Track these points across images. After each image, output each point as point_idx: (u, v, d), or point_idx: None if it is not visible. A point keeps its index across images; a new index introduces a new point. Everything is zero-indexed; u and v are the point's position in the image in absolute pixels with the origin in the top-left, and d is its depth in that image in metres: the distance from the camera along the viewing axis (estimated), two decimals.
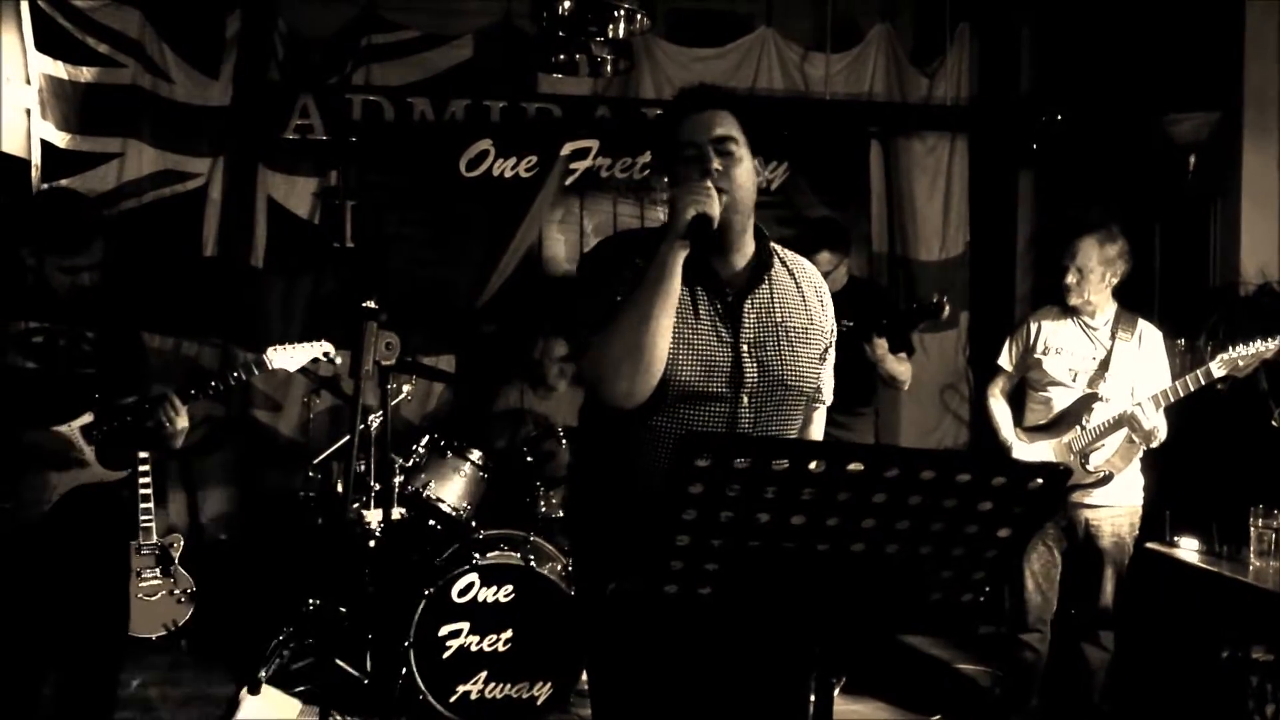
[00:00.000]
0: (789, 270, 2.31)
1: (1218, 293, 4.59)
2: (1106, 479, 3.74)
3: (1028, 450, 3.88)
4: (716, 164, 2.13)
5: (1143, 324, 3.84)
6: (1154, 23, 5.02)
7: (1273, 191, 4.60)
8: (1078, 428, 3.79)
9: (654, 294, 2.06)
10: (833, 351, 2.38)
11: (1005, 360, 4.02)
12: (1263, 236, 4.58)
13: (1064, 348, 3.86)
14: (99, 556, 3.04)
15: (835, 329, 2.37)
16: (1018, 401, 4.05)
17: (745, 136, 2.19)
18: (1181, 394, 3.60)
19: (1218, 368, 3.54)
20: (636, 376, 2.05)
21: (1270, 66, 4.60)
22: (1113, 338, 3.81)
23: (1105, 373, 3.78)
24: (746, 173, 2.19)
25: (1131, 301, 3.93)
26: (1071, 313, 3.88)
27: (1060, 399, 3.85)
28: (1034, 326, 3.94)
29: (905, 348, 4.42)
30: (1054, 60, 5.72)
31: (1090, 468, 3.74)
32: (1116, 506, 3.80)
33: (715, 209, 2.08)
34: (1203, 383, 3.56)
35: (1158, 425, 3.65)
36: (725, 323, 2.18)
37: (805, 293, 2.30)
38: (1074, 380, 3.83)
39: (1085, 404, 3.79)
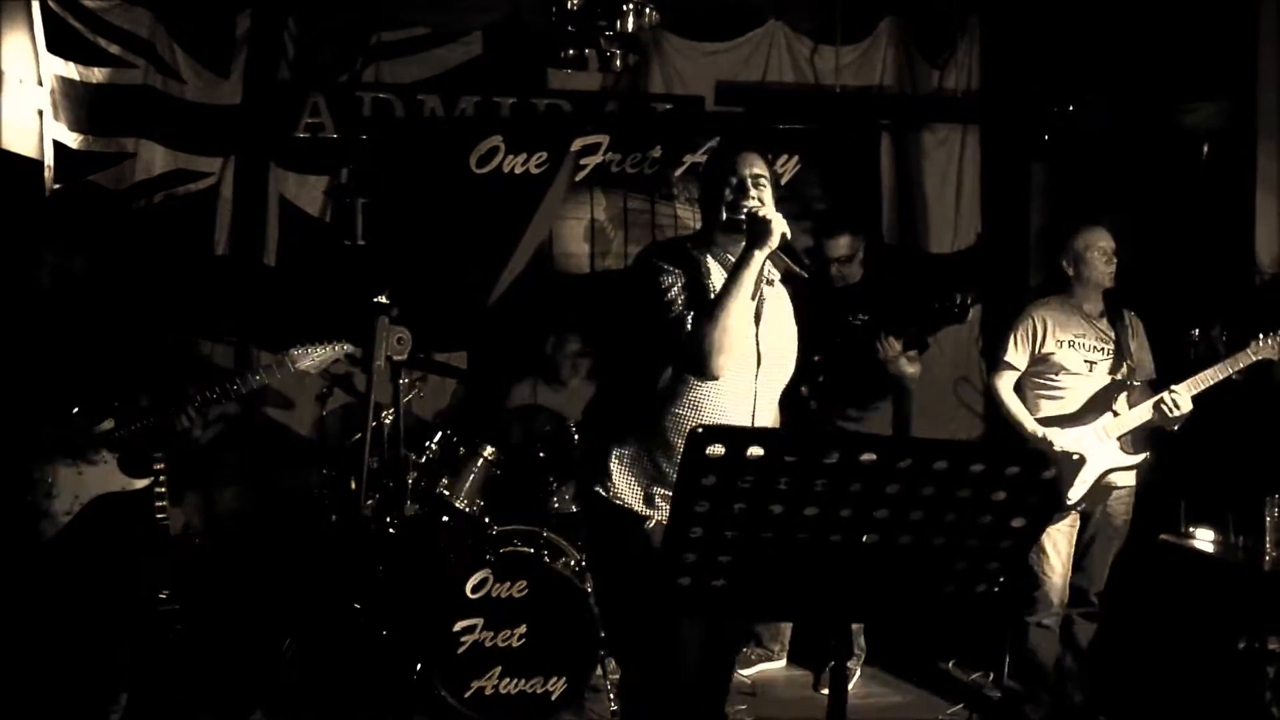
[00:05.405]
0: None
1: (1232, 281, 4.56)
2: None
3: (1063, 438, 3.78)
4: (755, 196, 2.59)
5: (1128, 312, 3.94)
6: (1168, 11, 4.98)
7: None
8: (1109, 413, 3.79)
9: (744, 288, 2.45)
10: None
11: (1015, 358, 3.94)
12: (1277, 225, 4.54)
13: (1075, 338, 3.87)
14: (123, 568, 3.06)
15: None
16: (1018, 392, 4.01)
17: (769, 172, 2.65)
18: (1214, 381, 3.68)
19: (1253, 353, 3.66)
20: (728, 353, 2.44)
21: None
22: (1113, 325, 3.90)
23: (1121, 359, 3.83)
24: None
25: (1146, 290, 3.93)
26: (1073, 303, 3.92)
27: (1079, 388, 3.85)
28: (1038, 320, 3.91)
29: (920, 345, 4.38)
30: (1066, 50, 5.68)
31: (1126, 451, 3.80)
32: (1128, 488, 3.87)
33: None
34: (1231, 371, 3.67)
35: (1188, 410, 3.71)
36: (751, 317, 2.54)
37: (783, 289, 2.71)
38: (1091, 369, 3.85)
39: (1113, 390, 3.81)
